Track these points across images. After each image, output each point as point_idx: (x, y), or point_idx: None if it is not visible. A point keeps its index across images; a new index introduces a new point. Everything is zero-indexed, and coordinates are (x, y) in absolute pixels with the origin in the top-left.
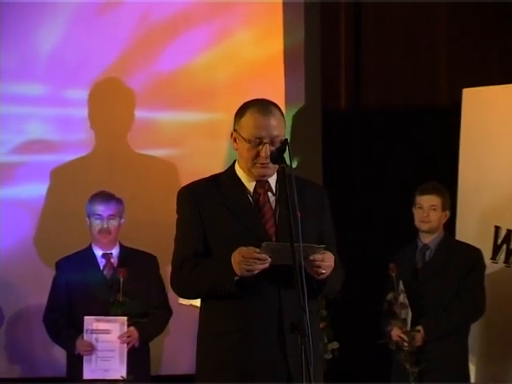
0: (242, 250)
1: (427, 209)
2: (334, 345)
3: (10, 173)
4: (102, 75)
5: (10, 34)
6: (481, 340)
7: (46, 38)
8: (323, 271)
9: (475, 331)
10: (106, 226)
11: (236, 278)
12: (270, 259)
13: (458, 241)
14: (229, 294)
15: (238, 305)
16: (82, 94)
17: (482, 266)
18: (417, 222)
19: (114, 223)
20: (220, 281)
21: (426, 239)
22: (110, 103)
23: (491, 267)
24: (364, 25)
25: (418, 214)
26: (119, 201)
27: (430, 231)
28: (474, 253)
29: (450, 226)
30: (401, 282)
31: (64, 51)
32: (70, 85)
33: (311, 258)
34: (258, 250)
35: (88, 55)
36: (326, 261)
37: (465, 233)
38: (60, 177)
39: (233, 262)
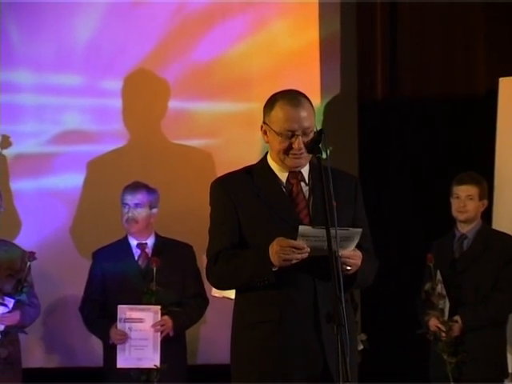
0: (280, 239)
1: (464, 199)
2: (362, 336)
3: (47, 163)
4: (138, 66)
5: (48, 25)
6: None
7: (82, 29)
8: (348, 268)
9: None
10: (130, 214)
11: (274, 269)
12: (308, 249)
13: (495, 230)
14: (267, 284)
15: (273, 294)
16: (118, 84)
17: None
18: (454, 212)
19: (140, 212)
20: (258, 272)
21: (464, 229)
22: (146, 94)
23: None
24: (400, 14)
25: (455, 204)
26: (150, 190)
27: (467, 221)
28: None
29: (486, 215)
30: (438, 272)
31: (100, 42)
32: (106, 75)
33: (340, 253)
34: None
35: (124, 46)
36: (352, 258)
37: (502, 222)
38: (96, 167)
39: (270, 253)
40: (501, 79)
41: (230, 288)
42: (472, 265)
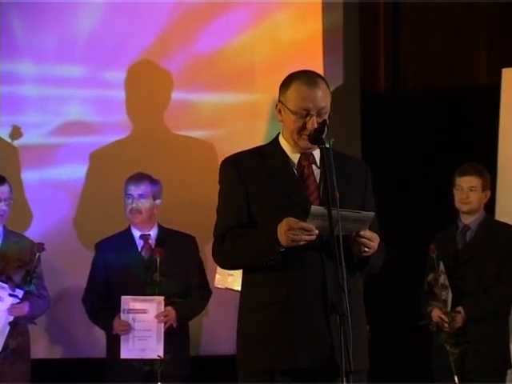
0: (289, 220)
1: (467, 190)
2: None
3: (50, 154)
4: (140, 57)
5: (50, 16)
6: None
7: (85, 20)
8: (366, 249)
9: None
10: (134, 205)
11: (281, 249)
12: (316, 231)
13: (498, 221)
14: (273, 264)
15: (281, 275)
16: (120, 75)
17: None
18: (457, 203)
19: (144, 203)
20: (265, 251)
21: (467, 220)
22: (149, 85)
23: None
24: (403, 4)
25: (457, 196)
26: (154, 181)
27: (469, 212)
28: None
29: (489, 206)
30: (441, 263)
31: (103, 33)
32: (109, 66)
33: (361, 233)
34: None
35: (127, 37)
36: (372, 240)
37: (505, 213)
38: (99, 159)
39: (279, 232)
40: (504, 70)
41: (235, 267)
42: (475, 256)
